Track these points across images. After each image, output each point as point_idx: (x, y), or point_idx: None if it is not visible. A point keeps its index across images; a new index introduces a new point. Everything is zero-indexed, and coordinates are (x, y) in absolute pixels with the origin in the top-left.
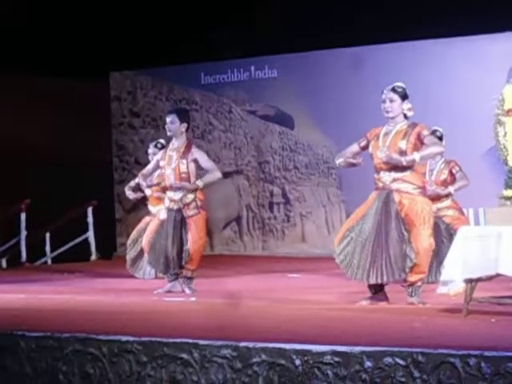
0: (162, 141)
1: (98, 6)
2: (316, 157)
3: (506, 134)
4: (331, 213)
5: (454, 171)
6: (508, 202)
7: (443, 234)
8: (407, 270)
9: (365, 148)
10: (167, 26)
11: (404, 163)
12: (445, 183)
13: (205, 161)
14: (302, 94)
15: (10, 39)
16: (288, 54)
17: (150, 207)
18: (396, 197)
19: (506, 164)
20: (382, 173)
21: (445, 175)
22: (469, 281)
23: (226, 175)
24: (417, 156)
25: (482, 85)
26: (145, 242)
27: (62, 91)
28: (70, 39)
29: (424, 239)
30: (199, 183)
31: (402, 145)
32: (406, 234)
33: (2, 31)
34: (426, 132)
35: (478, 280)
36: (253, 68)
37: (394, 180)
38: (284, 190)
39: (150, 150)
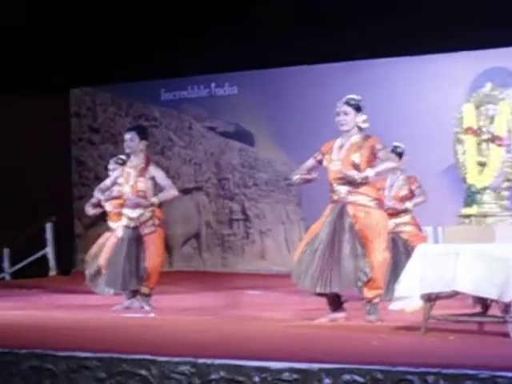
0: (122, 156)
1: (57, 22)
2: (276, 174)
3: (464, 151)
4: (290, 230)
5: (413, 187)
6: (466, 220)
7: (401, 251)
8: (360, 283)
9: (321, 162)
10: (127, 42)
11: (358, 180)
12: (404, 199)
13: (162, 179)
14: (263, 111)
15: None
16: (248, 71)
17: (110, 223)
18: (350, 210)
19: (465, 182)
20: (336, 186)
21: (404, 191)
22: (427, 299)
23: (185, 191)
24: (370, 172)
25: (441, 103)
26: (102, 259)
27: (22, 107)
28: (30, 56)
29: (378, 253)
30: (154, 200)
31: (356, 158)
32: (359, 248)
33: None
34: (379, 146)
35: (437, 298)
36: (213, 85)
37: (349, 192)
38: (244, 207)
39: (111, 166)
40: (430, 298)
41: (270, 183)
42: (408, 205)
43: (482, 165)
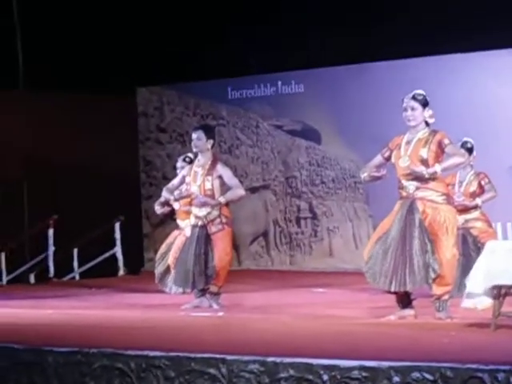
0: (190, 155)
1: (125, 22)
2: (343, 171)
3: None
4: (358, 227)
5: (483, 183)
6: None
7: (471, 247)
8: (430, 280)
9: (388, 158)
10: (194, 41)
11: (426, 176)
12: (473, 195)
13: (229, 178)
14: (329, 109)
15: (36, 55)
16: (315, 68)
17: (179, 221)
18: (420, 206)
19: None
20: (405, 182)
21: (474, 187)
22: (496, 295)
23: (253, 190)
24: (438, 168)
25: (508, 98)
26: (171, 259)
27: (90, 107)
28: (97, 55)
29: (447, 250)
30: (221, 199)
31: (424, 153)
32: (429, 244)
33: (28, 47)
34: (447, 141)
35: (506, 294)
36: (279, 83)
37: (418, 188)
38: (311, 205)
39: (179, 164)
40: (499, 295)
41: (337, 181)
42: (478, 201)
43: None
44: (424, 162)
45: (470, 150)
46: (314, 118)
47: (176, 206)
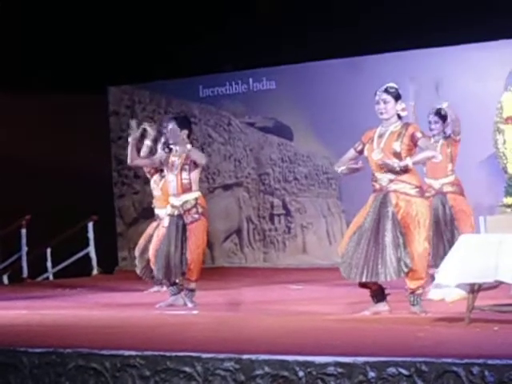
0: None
1: (94, 20)
2: (315, 168)
3: (505, 141)
4: (332, 223)
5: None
6: (508, 210)
7: (445, 227)
8: (402, 274)
9: (361, 152)
10: (165, 39)
11: (397, 168)
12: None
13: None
14: (301, 105)
15: (5, 55)
16: (286, 65)
17: (157, 210)
18: (393, 198)
19: (506, 172)
20: (378, 175)
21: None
22: (470, 290)
23: (226, 188)
24: (409, 161)
25: (479, 93)
26: (151, 251)
27: (61, 106)
28: (67, 54)
29: (419, 244)
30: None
31: (396, 146)
32: (401, 237)
33: None
34: (419, 134)
35: (480, 289)
36: (251, 80)
37: (391, 181)
38: (284, 202)
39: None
40: (473, 289)
41: (309, 177)
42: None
43: None
44: (397, 155)
45: (444, 118)
46: (286, 115)
47: (156, 192)
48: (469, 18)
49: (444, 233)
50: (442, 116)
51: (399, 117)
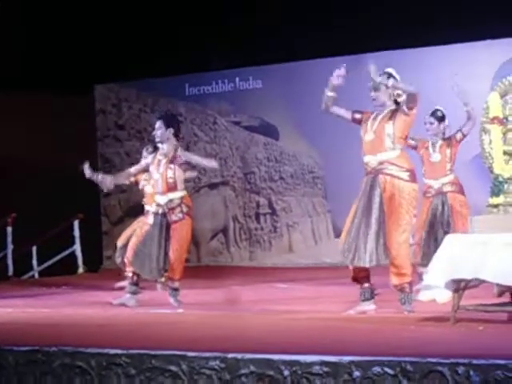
0: (151, 147)
1: (81, 19)
2: (301, 167)
3: (491, 141)
4: (317, 223)
5: (458, 136)
6: (494, 210)
7: (442, 226)
8: (382, 262)
9: (355, 120)
10: (151, 37)
11: (389, 84)
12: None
13: (195, 157)
14: (287, 105)
15: None
16: (272, 64)
17: (147, 206)
18: (381, 181)
19: (492, 172)
20: (368, 156)
21: (449, 149)
22: (455, 289)
23: (212, 186)
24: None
25: (466, 92)
26: (130, 245)
27: (47, 105)
28: (53, 52)
29: (400, 233)
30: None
31: (389, 128)
32: (382, 223)
33: None
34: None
35: (465, 288)
36: (237, 79)
37: (380, 163)
38: (270, 201)
39: (144, 154)
40: (458, 288)
41: (295, 176)
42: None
43: (509, 154)
44: (390, 136)
45: (440, 119)
46: (272, 114)
47: (148, 189)
48: (453, 19)
49: (438, 233)
50: (437, 117)
51: (396, 102)
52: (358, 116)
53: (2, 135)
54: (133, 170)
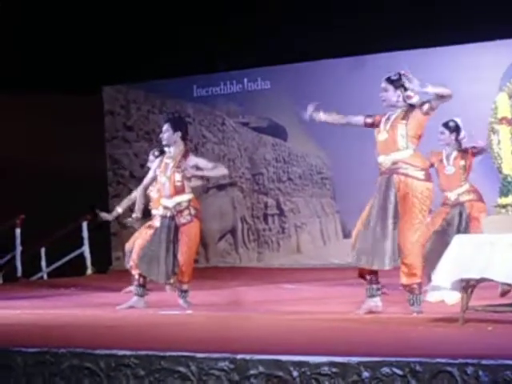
0: (160, 150)
1: (90, 20)
2: (309, 168)
3: (499, 141)
4: (326, 223)
5: (474, 150)
6: (503, 210)
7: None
8: (396, 262)
9: (367, 125)
10: (159, 39)
11: (416, 89)
12: (464, 169)
13: (206, 163)
14: (295, 106)
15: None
16: (280, 65)
17: (154, 211)
18: (396, 180)
19: (501, 172)
20: (382, 157)
21: (463, 161)
22: (464, 289)
23: (220, 188)
24: (430, 88)
25: (474, 93)
26: (136, 248)
27: (56, 106)
28: (62, 54)
29: (413, 232)
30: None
31: (402, 128)
32: (396, 224)
33: None
34: (426, 106)
35: (473, 287)
36: (245, 80)
37: (394, 163)
38: (278, 202)
39: (151, 158)
40: (467, 289)
41: (303, 177)
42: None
43: None
44: (402, 137)
45: (452, 129)
46: (281, 115)
47: (154, 194)
48: (461, 19)
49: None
50: (449, 127)
51: (407, 103)
52: (369, 120)
53: (10, 136)
54: (146, 183)
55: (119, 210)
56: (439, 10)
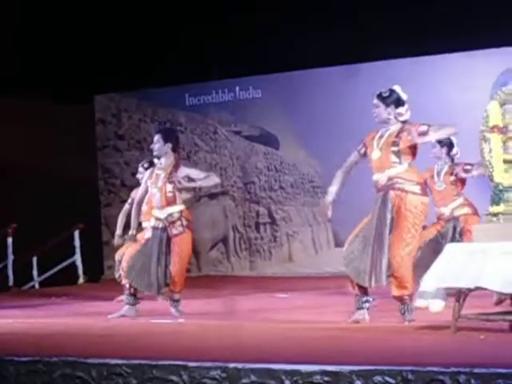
0: (146, 163)
1: (82, 29)
2: (301, 176)
3: (491, 150)
4: (318, 232)
5: (462, 174)
6: (494, 219)
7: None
8: (385, 279)
9: (364, 154)
10: (151, 48)
11: (418, 141)
12: (454, 184)
13: (197, 173)
14: (287, 114)
15: None
16: (272, 74)
17: (144, 223)
18: (392, 196)
19: (492, 180)
20: (377, 175)
21: (453, 177)
22: (457, 298)
23: (211, 196)
24: (432, 137)
25: (464, 102)
26: (125, 258)
27: (47, 114)
28: (54, 62)
29: (403, 247)
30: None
31: (395, 145)
32: (389, 237)
33: None
34: (424, 127)
35: (465, 296)
36: (237, 88)
37: (390, 179)
38: (270, 210)
39: (140, 169)
40: (459, 297)
41: (295, 186)
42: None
43: (509, 162)
44: (396, 154)
45: (444, 144)
46: (273, 124)
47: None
48: (452, 28)
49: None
50: (440, 141)
51: (398, 120)
52: (363, 151)
53: (3, 143)
54: (140, 198)
55: (119, 232)
56: (431, 19)
